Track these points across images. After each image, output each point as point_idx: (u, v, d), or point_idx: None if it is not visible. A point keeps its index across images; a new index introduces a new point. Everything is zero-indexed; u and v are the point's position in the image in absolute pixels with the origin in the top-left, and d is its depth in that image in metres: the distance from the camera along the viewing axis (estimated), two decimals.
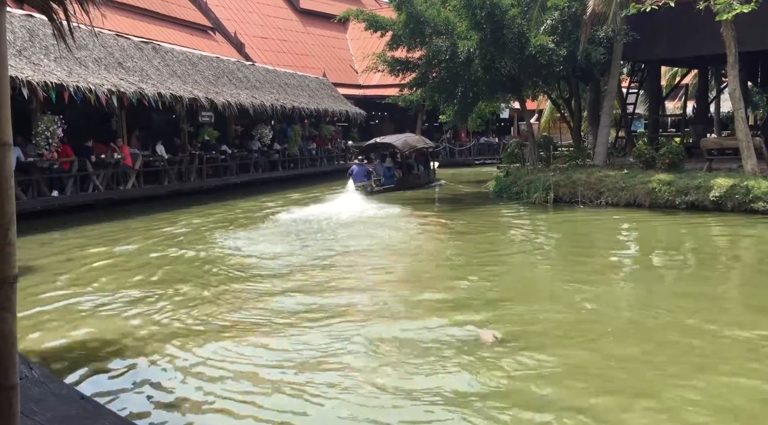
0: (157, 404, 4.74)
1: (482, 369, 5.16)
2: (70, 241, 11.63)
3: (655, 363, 5.28)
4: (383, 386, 4.89)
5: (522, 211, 15.13)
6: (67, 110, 14.89)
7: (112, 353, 5.77)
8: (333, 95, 28.89)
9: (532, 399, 4.64)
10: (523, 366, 5.23)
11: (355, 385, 4.93)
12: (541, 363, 5.29)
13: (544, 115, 32.14)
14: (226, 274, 8.81)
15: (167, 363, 5.51)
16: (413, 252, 10.62)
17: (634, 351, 5.60)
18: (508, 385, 4.89)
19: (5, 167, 2.25)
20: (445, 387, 4.83)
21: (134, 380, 5.16)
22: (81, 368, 5.39)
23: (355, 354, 5.59)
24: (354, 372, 5.20)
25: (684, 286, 8.13)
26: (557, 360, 5.37)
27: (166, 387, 5.01)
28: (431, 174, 23.03)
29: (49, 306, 7.27)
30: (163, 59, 19.18)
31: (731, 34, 14.27)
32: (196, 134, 19.73)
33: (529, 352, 5.52)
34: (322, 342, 5.89)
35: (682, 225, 12.58)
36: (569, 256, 10.40)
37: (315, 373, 5.18)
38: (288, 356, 5.59)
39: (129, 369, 5.38)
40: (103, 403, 3.92)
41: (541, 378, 4.99)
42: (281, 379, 5.08)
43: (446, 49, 17.30)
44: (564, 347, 5.73)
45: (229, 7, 32.99)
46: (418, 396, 4.72)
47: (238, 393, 4.85)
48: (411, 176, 21.50)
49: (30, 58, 14.06)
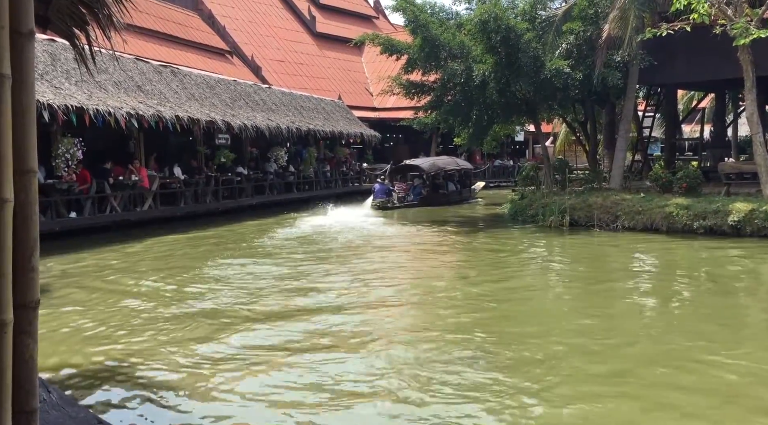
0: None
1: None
2: (86, 261, 11.70)
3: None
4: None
5: (537, 234, 15.03)
6: (86, 132, 15.11)
7: (128, 376, 5.76)
8: (348, 118, 29.09)
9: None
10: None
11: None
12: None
13: (559, 138, 32.12)
14: (236, 294, 8.81)
15: (186, 388, 5.48)
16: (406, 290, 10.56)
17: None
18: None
19: (30, 193, 2.28)
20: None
21: (150, 404, 5.13)
22: (97, 391, 5.39)
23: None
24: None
25: (709, 324, 7.95)
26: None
27: (185, 411, 4.98)
28: (467, 192, 24.82)
29: (65, 328, 7.29)
30: (181, 82, 19.45)
31: (748, 59, 14.22)
32: (213, 156, 19.91)
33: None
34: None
35: (701, 250, 12.43)
36: (586, 283, 10.28)
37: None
38: (323, 385, 5.55)
39: (145, 392, 5.36)
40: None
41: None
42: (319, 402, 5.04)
43: (461, 72, 17.39)
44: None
45: (247, 32, 33.48)
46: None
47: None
48: (437, 195, 23.26)
49: (51, 82, 14.31)
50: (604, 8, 17.00)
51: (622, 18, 15.65)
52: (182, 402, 5.17)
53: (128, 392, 5.38)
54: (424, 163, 23.42)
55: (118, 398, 5.25)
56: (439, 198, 23.04)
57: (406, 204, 21.85)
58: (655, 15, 16.80)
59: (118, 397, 5.27)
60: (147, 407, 5.08)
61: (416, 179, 23.28)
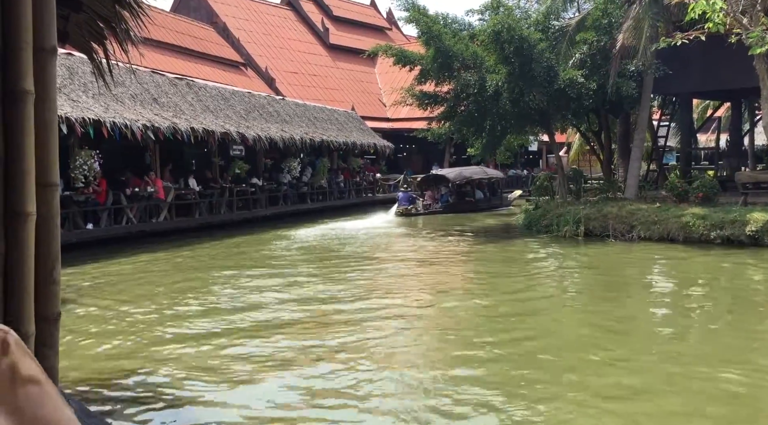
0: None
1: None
2: (102, 271, 11.80)
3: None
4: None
5: (552, 244, 14.94)
6: (103, 144, 15.28)
7: (149, 386, 5.78)
8: (361, 128, 29.17)
9: None
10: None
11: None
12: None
13: (573, 147, 31.96)
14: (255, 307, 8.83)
15: (207, 398, 5.48)
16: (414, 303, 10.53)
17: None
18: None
19: (52, 207, 2.31)
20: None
21: (170, 415, 5.15)
22: (116, 403, 5.41)
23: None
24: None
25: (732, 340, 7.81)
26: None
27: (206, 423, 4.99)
28: (497, 200, 25.94)
29: (81, 339, 7.34)
30: (196, 95, 19.63)
31: (765, 68, 14.11)
32: (227, 167, 20.04)
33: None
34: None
35: (719, 261, 12.29)
36: (604, 295, 10.20)
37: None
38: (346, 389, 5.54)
39: (165, 403, 5.38)
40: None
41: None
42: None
43: (474, 83, 17.40)
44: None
45: (261, 44, 33.77)
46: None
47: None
48: (463, 202, 24.55)
49: (69, 95, 14.51)
50: (617, 18, 16.97)
51: (636, 27, 15.61)
52: (203, 413, 5.18)
53: (148, 404, 5.39)
54: (450, 173, 24.83)
55: (137, 409, 5.26)
56: (465, 206, 24.05)
57: (430, 211, 22.98)
58: (670, 24, 16.74)
59: (137, 409, 5.28)
60: (166, 416, 5.10)
61: (443, 188, 24.52)
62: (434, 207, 23.58)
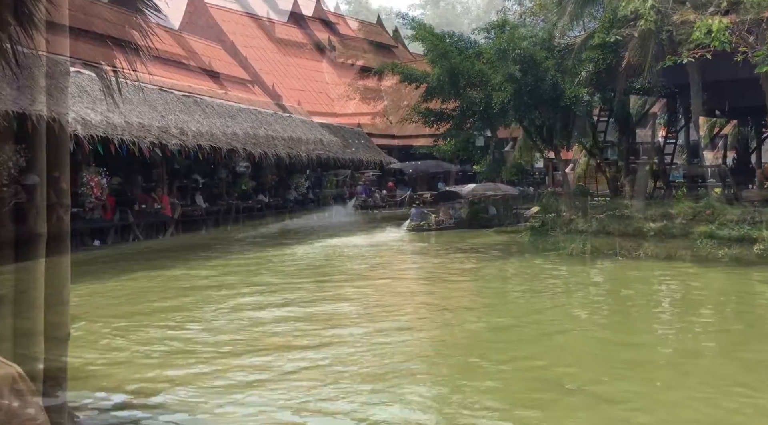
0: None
1: None
2: (108, 288, 11.80)
3: None
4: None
5: (558, 262, 14.86)
6: (111, 161, 15.37)
7: (154, 404, 5.75)
8: (367, 145, 29.27)
9: None
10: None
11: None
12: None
13: (579, 164, 31.93)
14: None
15: (210, 414, 5.46)
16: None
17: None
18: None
19: (63, 226, 2.32)
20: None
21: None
22: (121, 419, 5.38)
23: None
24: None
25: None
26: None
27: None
28: (512, 216, 25.44)
29: (89, 354, 7.32)
30: (203, 112, 19.76)
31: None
32: (234, 184, 20.13)
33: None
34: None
35: (727, 281, 12.20)
36: (614, 315, 10.13)
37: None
38: None
39: (169, 420, 5.35)
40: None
41: None
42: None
43: (480, 100, 17.46)
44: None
45: (268, 61, 34.03)
46: None
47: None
48: (476, 218, 24.55)
49: (78, 112, 14.62)
50: (623, 36, 17.00)
51: (642, 46, 15.64)
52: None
53: (156, 420, 5.36)
54: (463, 189, 25.14)
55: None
56: (477, 222, 24.16)
57: (442, 227, 23.28)
58: (675, 43, 16.77)
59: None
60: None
61: (457, 204, 24.95)
62: (447, 223, 23.80)
